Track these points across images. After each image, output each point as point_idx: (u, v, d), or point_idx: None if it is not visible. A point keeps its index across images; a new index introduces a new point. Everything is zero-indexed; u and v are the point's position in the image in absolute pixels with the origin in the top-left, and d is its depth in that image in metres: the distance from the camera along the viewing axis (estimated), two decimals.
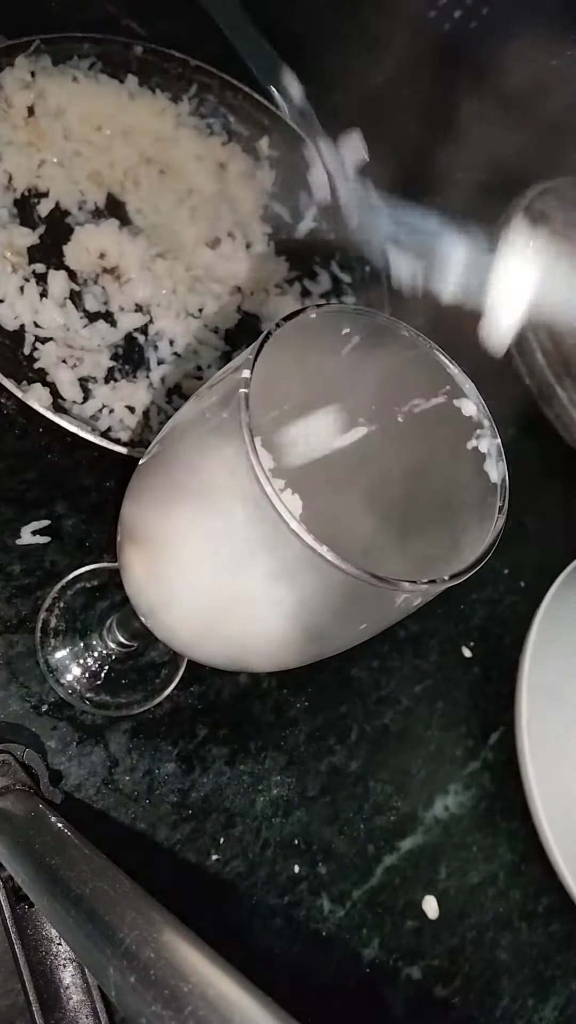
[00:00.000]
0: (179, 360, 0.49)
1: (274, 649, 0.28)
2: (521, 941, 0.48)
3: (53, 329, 0.46)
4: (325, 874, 0.43)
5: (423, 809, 0.47)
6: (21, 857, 0.31)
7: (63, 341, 0.46)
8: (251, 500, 0.22)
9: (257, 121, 0.59)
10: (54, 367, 0.45)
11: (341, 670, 0.48)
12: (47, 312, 0.46)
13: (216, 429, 0.24)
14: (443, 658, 0.52)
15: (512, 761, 0.50)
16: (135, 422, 0.46)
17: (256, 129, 0.59)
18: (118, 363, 0.48)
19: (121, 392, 0.46)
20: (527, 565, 0.58)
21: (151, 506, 0.27)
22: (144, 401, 0.47)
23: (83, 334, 0.47)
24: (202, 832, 0.41)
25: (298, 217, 0.58)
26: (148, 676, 0.42)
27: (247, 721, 0.44)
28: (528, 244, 0.69)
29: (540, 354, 0.65)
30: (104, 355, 0.47)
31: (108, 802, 0.40)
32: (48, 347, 0.45)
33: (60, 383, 0.45)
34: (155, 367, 0.48)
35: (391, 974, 0.43)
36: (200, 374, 0.50)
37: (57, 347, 0.46)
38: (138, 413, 0.46)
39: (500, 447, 0.27)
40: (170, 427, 0.28)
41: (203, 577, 0.26)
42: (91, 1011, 0.33)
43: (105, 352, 0.47)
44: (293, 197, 0.58)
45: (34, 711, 0.39)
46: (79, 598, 0.43)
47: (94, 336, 0.47)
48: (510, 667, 0.53)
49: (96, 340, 0.47)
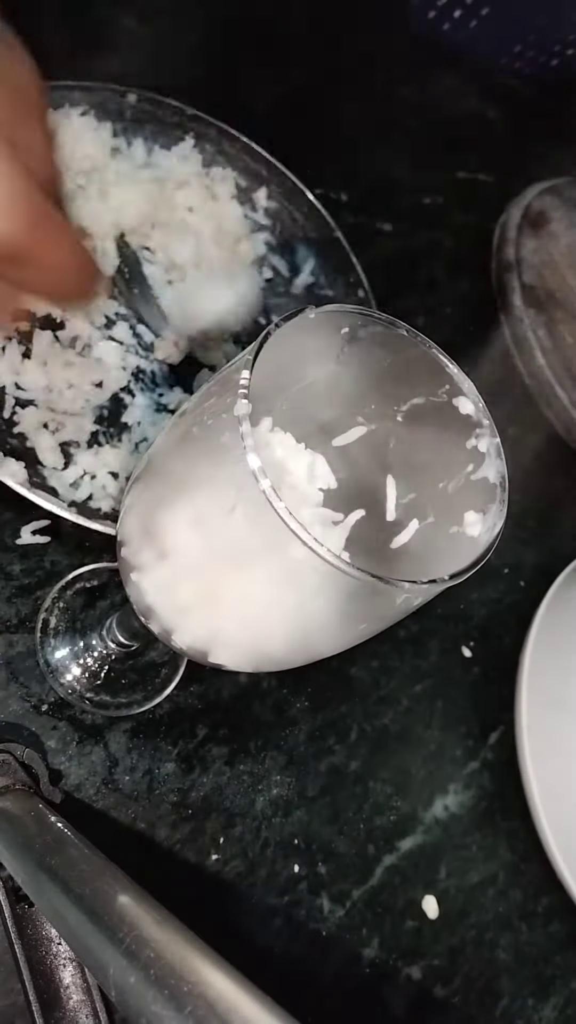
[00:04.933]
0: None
1: (275, 649, 0.28)
2: (521, 941, 0.48)
3: (35, 392, 0.44)
4: (325, 874, 0.43)
5: (423, 809, 0.48)
6: (21, 857, 0.31)
7: (45, 404, 0.44)
8: (251, 500, 0.22)
9: (255, 172, 0.57)
10: (34, 432, 0.43)
11: (341, 670, 0.48)
12: (29, 374, 0.44)
13: (215, 429, 0.24)
14: (443, 658, 0.52)
15: (512, 761, 0.50)
16: (117, 489, 0.44)
17: (254, 180, 0.57)
18: (102, 426, 0.45)
19: (104, 458, 0.44)
20: (527, 565, 0.58)
21: (150, 507, 0.27)
22: (128, 467, 0.45)
23: (67, 396, 0.45)
24: (202, 832, 0.41)
25: (296, 271, 0.57)
26: (148, 676, 0.42)
27: (247, 721, 0.44)
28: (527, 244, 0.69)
29: (540, 354, 0.65)
30: (88, 419, 0.45)
31: (108, 802, 0.40)
32: (28, 411, 0.43)
33: (40, 449, 0.43)
34: (136, 428, 0.46)
35: (391, 974, 0.43)
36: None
37: (38, 411, 0.43)
38: (120, 480, 0.44)
39: (499, 446, 0.27)
40: (170, 428, 0.28)
41: (204, 578, 0.26)
42: (91, 1011, 0.33)
43: (89, 415, 0.45)
44: (290, 251, 0.57)
45: (34, 711, 0.39)
46: (79, 598, 0.43)
47: (78, 399, 0.45)
48: (510, 667, 0.53)
49: (80, 403, 0.45)
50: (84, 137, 0.51)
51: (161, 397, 0.48)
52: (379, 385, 0.30)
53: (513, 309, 0.67)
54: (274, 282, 0.56)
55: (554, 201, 0.73)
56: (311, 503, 0.27)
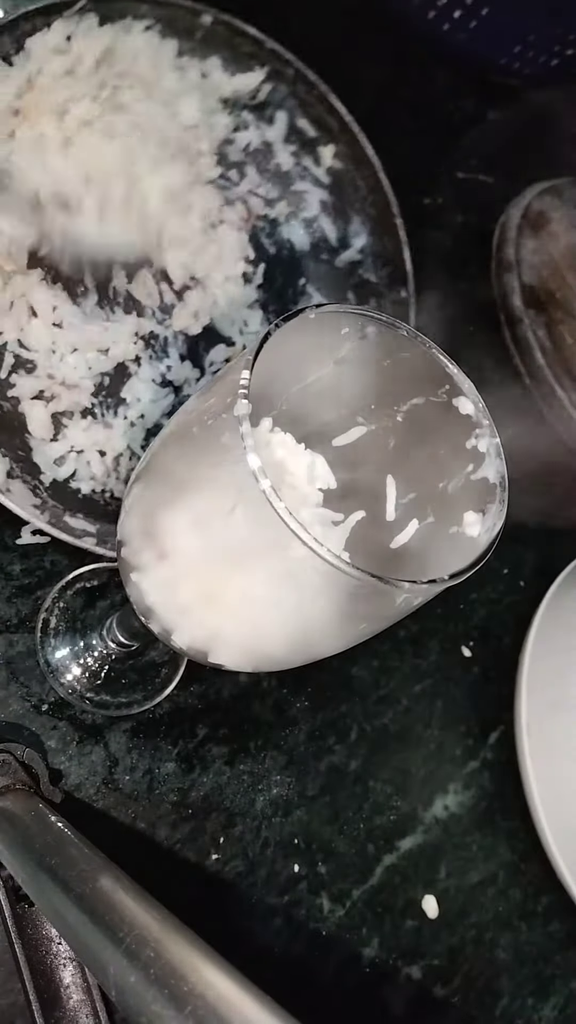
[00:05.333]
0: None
1: (275, 649, 0.28)
2: (521, 940, 0.48)
3: (37, 353, 0.43)
4: (325, 873, 0.43)
5: (423, 809, 0.48)
6: (21, 857, 0.31)
7: (44, 370, 0.43)
8: (251, 500, 0.22)
9: (326, 125, 0.52)
10: (28, 401, 0.42)
11: (341, 670, 0.48)
12: (35, 333, 0.42)
13: (215, 429, 0.24)
14: (443, 658, 0.52)
15: (512, 761, 0.50)
16: (102, 470, 0.43)
17: (323, 133, 0.52)
18: (99, 398, 0.44)
19: (94, 436, 0.43)
20: (527, 565, 0.58)
21: (150, 507, 0.27)
22: (118, 447, 0.44)
23: (69, 361, 0.43)
24: (202, 831, 0.41)
25: (345, 244, 0.53)
26: (148, 676, 0.42)
27: (247, 721, 0.44)
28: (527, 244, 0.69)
29: (540, 354, 0.65)
30: (85, 391, 0.44)
31: (108, 801, 0.40)
32: (26, 378, 0.42)
33: (30, 418, 0.42)
34: (135, 404, 0.45)
35: (391, 974, 0.43)
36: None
37: (36, 379, 0.42)
38: (108, 459, 0.43)
39: (499, 446, 0.27)
40: (169, 428, 0.28)
41: (204, 578, 0.26)
42: (91, 1011, 0.33)
43: (88, 385, 0.44)
44: (344, 219, 0.53)
45: (34, 711, 0.39)
46: (79, 598, 0.43)
47: (80, 365, 0.43)
48: (510, 667, 0.53)
49: (82, 371, 0.43)
50: (143, 55, 0.47)
51: (168, 370, 0.46)
52: (379, 385, 0.30)
53: (513, 309, 0.67)
54: (318, 247, 0.53)
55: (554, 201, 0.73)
56: (311, 503, 0.27)
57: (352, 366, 0.29)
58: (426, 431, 0.29)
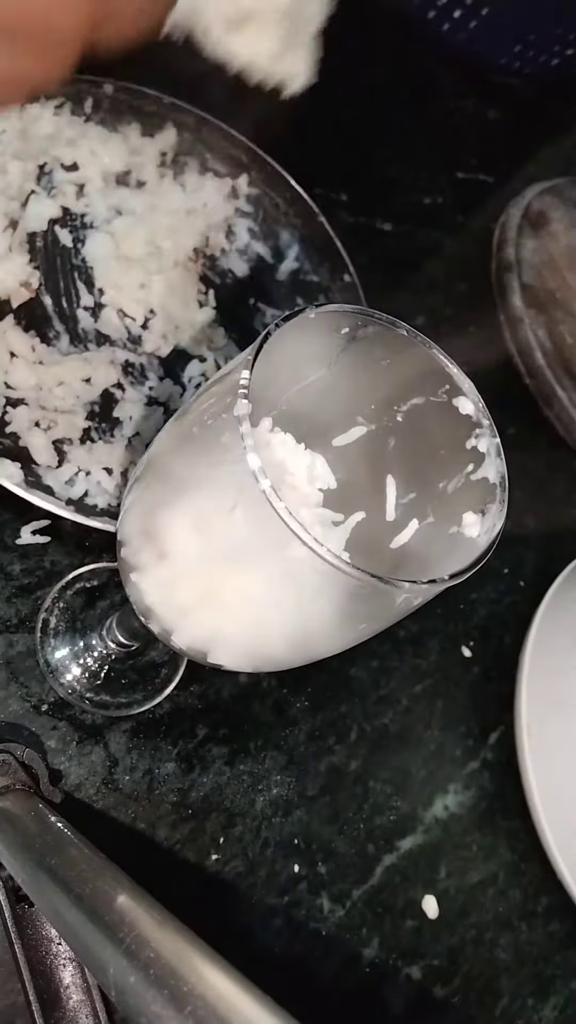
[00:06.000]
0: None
1: (274, 649, 0.28)
2: (521, 941, 0.48)
3: (25, 390, 0.43)
4: (325, 874, 0.43)
5: (423, 809, 0.48)
6: (21, 857, 0.31)
7: (36, 403, 0.43)
8: (251, 500, 0.22)
9: (235, 159, 0.56)
10: (27, 431, 0.43)
11: (341, 670, 0.48)
12: (18, 372, 0.43)
13: (215, 429, 0.24)
14: (443, 658, 0.52)
15: (512, 761, 0.50)
16: (113, 485, 0.44)
17: (234, 167, 0.56)
18: (94, 422, 0.45)
19: (98, 455, 0.44)
20: (527, 565, 0.58)
21: (150, 507, 0.27)
22: (123, 462, 0.45)
23: (57, 393, 0.44)
24: (202, 832, 0.41)
25: (280, 257, 0.56)
26: (148, 676, 0.42)
27: (247, 721, 0.44)
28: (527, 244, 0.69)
29: (540, 354, 0.65)
30: (79, 415, 0.45)
31: (108, 802, 0.40)
32: (20, 410, 0.43)
33: (33, 448, 0.43)
34: (128, 422, 0.46)
35: (391, 974, 0.43)
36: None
37: (30, 410, 0.43)
38: (115, 475, 0.44)
39: (499, 446, 0.27)
40: (169, 428, 0.28)
41: (203, 578, 0.26)
42: (91, 1011, 0.33)
43: (80, 412, 0.45)
44: (273, 237, 0.57)
45: (34, 711, 0.39)
46: (79, 598, 0.43)
47: (68, 396, 0.45)
48: (510, 667, 0.53)
49: (71, 400, 0.45)
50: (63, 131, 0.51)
51: (151, 390, 0.48)
52: (379, 385, 0.30)
53: (513, 309, 0.67)
54: (258, 268, 0.56)
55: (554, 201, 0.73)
56: (311, 503, 0.27)
57: (352, 366, 0.29)
58: (426, 431, 0.29)
